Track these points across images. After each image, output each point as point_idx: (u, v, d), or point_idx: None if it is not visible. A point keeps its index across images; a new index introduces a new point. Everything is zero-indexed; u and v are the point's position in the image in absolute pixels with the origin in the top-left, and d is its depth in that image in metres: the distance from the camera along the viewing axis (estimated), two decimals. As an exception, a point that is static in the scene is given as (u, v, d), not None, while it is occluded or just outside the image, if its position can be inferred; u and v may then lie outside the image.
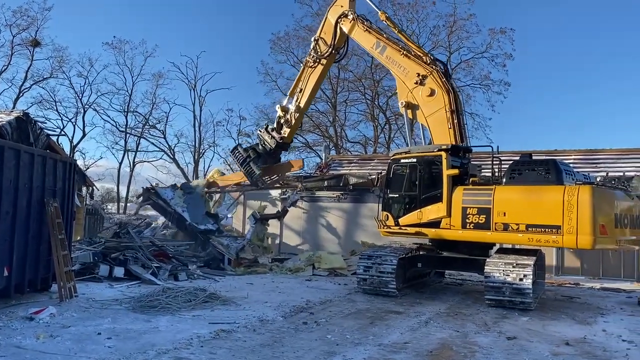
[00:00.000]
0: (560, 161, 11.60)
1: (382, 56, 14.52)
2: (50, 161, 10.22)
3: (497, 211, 10.92)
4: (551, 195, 10.42)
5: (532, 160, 11.69)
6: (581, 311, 10.80)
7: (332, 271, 16.05)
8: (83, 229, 20.39)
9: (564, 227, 10.13)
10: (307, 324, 8.71)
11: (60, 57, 46.64)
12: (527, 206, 10.68)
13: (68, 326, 7.79)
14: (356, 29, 15.11)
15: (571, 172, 11.25)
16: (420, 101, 13.45)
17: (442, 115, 12.99)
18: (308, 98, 17.09)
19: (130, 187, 54.08)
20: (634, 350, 7.58)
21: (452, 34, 40.60)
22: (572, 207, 10.05)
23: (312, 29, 43.48)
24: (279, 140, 17.67)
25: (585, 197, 10.00)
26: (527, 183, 11.00)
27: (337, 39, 15.90)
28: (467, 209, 11.35)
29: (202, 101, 52.11)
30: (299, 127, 18.46)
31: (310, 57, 16.82)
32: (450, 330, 8.58)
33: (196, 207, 18.63)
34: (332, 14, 15.98)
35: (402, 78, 13.95)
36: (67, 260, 10.20)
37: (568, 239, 10.14)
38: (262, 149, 18.19)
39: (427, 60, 13.56)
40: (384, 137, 44.91)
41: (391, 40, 14.41)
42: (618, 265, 17.04)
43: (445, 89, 13.04)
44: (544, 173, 10.91)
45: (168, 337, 7.35)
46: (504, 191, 11.10)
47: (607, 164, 21.09)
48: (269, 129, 18.02)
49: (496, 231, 10.91)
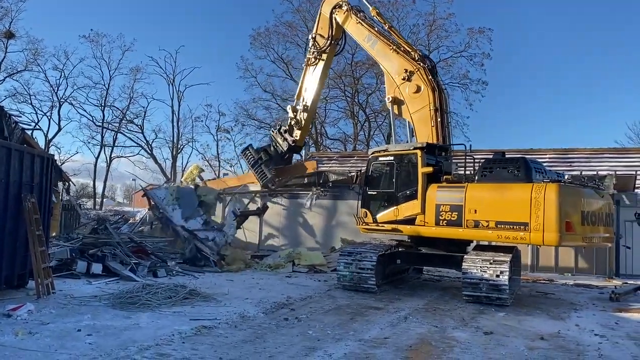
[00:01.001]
0: (531, 159, 11.79)
1: (373, 50, 14.67)
2: (27, 156, 10.07)
3: (468, 208, 11.12)
4: (519, 193, 10.62)
5: (503, 158, 11.90)
6: (555, 307, 11.07)
7: (312, 268, 16.13)
8: (59, 225, 20.09)
9: (531, 225, 10.34)
10: (288, 320, 8.77)
11: (35, 50, 45.81)
12: (496, 203, 10.89)
13: (47, 323, 7.71)
14: (349, 20, 15.22)
15: (542, 171, 11.42)
16: (406, 97, 13.62)
17: (426, 113, 13.17)
18: (314, 96, 17.02)
19: (107, 182, 53.45)
20: (606, 344, 7.82)
21: (432, 32, 41.00)
22: (539, 205, 10.26)
23: (293, 25, 43.57)
24: (291, 143, 17.60)
25: (551, 195, 10.20)
26: (498, 181, 11.20)
27: (335, 30, 15.89)
28: (440, 206, 11.54)
29: (181, 96, 51.77)
30: (309, 128, 18.32)
31: (310, 54, 16.81)
32: (428, 326, 8.72)
33: (188, 202, 18.42)
34: (326, 6, 16.09)
35: (390, 73, 14.11)
36: (45, 257, 10.07)
37: (535, 236, 10.35)
38: (273, 151, 18.10)
39: (415, 57, 13.72)
40: (364, 134, 45.21)
41: (382, 35, 14.56)
42: (591, 262, 17.48)
43: (431, 86, 13.22)
44: (514, 171, 11.11)
45: (149, 334, 7.33)
46: (475, 189, 11.29)
47: (580, 163, 21.63)
48: (282, 130, 17.82)
49: (467, 228, 11.11)
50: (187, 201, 18.16)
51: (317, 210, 21.36)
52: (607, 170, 18.89)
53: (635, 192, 18.07)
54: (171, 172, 50.62)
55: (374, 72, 40.37)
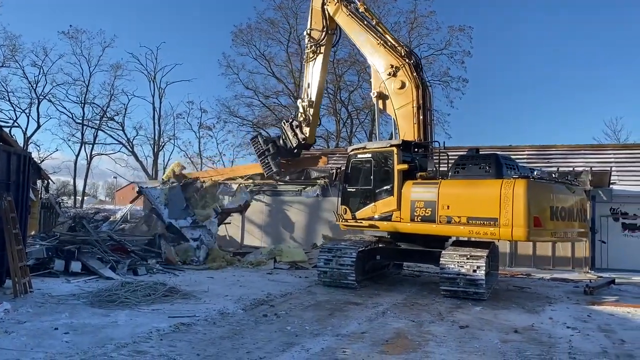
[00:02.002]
0: (504, 156, 11.97)
1: (361, 43, 14.76)
2: (3, 154, 9.98)
3: (441, 205, 11.28)
4: (489, 189, 10.79)
5: (476, 155, 12.06)
6: (531, 300, 11.29)
7: (294, 264, 16.21)
8: (38, 224, 19.84)
9: (501, 220, 10.49)
10: (267, 316, 8.83)
11: (12, 46, 45.11)
12: (468, 200, 11.05)
13: (23, 322, 7.67)
14: (340, 12, 15.31)
15: (514, 167, 11.57)
16: (391, 93, 13.76)
17: (409, 110, 13.30)
18: (318, 90, 16.89)
19: (87, 180, 52.86)
20: (577, 336, 8.02)
21: (413, 30, 41.30)
22: (508, 201, 10.42)
23: (275, 22, 43.51)
24: (301, 140, 17.39)
25: (519, 191, 10.36)
26: (470, 177, 11.37)
27: (329, 21, 15.94)
28: (415, 203, 11.70)
29: (162, 93, 51.39)
30: (317, 124, 18.05)
31: (308, 49, 16.74)
32: (406, 320, 8.85)
33: (176, 202, 18.44)
34: (317, 1, 16.13)
35: (377, 67, 14.21)
36: (22, 255, 9.98)
37: (504, 232, 10.51)
38: (282, 144, 17.79)
39: (402, 53, 13.83)
40: (346, 131, 45.34)
41: (370, 29, 14.64)
42: (568, 257, 17.82)
43: (415, 83, 13.34)
44: (485, 167, 11.28)
45: (127, 331, 7.34)
46: (448, 185, 11.46)
47: (558, 159, 21.98)
48: (294, 124, 17.49)
49: (441, 224, 11.27)
50: (175, 202, 18.26)
51: (299, 207, 21.44)
52: (583, 166, 19.23)
53: (611, 188, 18.45)
54: (152, 169, 50.26)
55: (356, 70, 40.57)
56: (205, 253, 16.53)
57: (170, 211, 17.92)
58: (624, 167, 21.27)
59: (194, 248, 16.53)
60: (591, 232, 17.25)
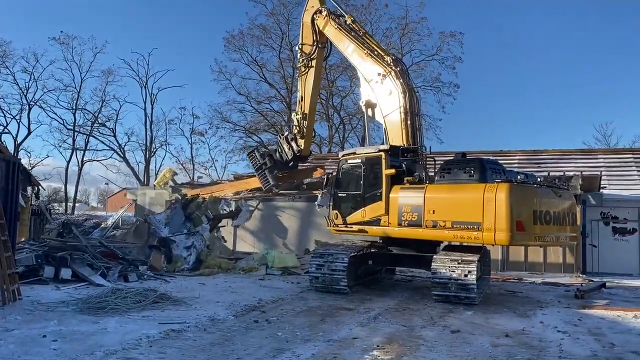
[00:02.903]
0: (489, 160, 12.03)
1: (350, 54, 15.08)
2: (-8, 160, 9.91)
3: (427, 209, 11.32)
4: (472, 193, 10.81)
5: (461, 159, 12.11)
6: (522, 305, 11.32)
7: (286, 270, 16.15)
8: (28, 230, 19.70)
9: (484, 224, 10.51)
10: (258, 322, 8.80)
11: (3, 52, 44.94)
12: (452, 204, 11.09)
13: (11, 329, 7.59)
14: (329, 26, 15.66)
15: (500, 171, 11.57)
16: (379, 100, 13.92)
17: (397, 116, 13.40)
18: (311, 103, 17.25)
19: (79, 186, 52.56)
20: (567, 340, 8.04)
21: (404, 36, 41.52)
22: (491, 205, 10.44)
23: (267, 28, 43.59)
24: (296, 152, 17.64)
25: (502, 195, 10.37)
26: (455, 182, 11.39)
27: (318, 35, 16.28)
28: (402, 207, 11.73)
29: (154, 99, 51.27)
30: (312, 135, 18.43)
31: (301, 63, 17.10)
32: (397, 325, 8.85)
33: (176, 220, 18.54)
34: (307, 16, 16.54)
35: (364, 76, 14.46)
36: (11, 262, 9.90)
37: (487, 236, 10.53)
38: (278, 157, 18.02)
39: (388, 61, 14.00)
40: (339, 136, 45.45)
41: (357, 40, 14.97)
42: (559, 261, 17.89)
43: (402, 89, 13.48)
44: (470, 171, 11.30)
45: (116, 338, 7.28)
46: (433, 190, 11.48)
47: (548, 164, 22.11)
48: (289, 137, 17.82)
49: (427, 228, 11.30)
50: (176, 220, 18.42)
51: (291, 213, 21.40)
52: (574, 171, 19.35)
53: (601, 192, 18.56)
54: (144, 175, 50.06)
55: (348, 75, 40.67)
56: (195, 257, 16.47)
57: (171, 229, 18.00)
58: (614, 171, 21.42)
59: (183, 257, 16.49)
60: (582, 236, 17.34)
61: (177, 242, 16.83)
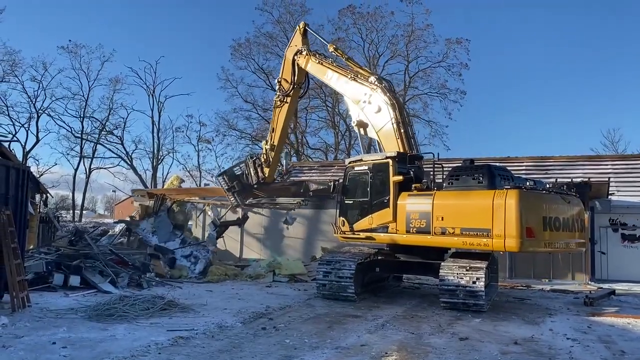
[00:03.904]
0: (497, 166, 12.00)
1: (334, 83, 15.52)
2: (2, 168, 9.99)
3: (435, 216, 11.29)
4: (481, 200, 10.78)
5: (470, 166, 12.06)
6: (531, 312, 11.26)
7: (293, 277, 16.15)
8: (36, 238, 19.81)
9: (493, 231, 10.47)
10: (266, 329, 8.80)
11: (12, 61, 45.41)
12: (461, 210, 11.05)
13: (21, 336, 7.63)
14: (310, 63, 16.12)
15: (509, 177, 11.51)
16: (370, 118, 14.15)
17: (389, 128, 13.61)
18: (280, 136, 17.90)
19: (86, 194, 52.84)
20: (577, 348, 7.99)
21: (410, 43, 41.60)
22: (500, 211, 10.40)
23: (273, 36, 43.85)
24: (260, 179, 18.31)
25: (511, 201, 10.34)
26: (464, 188, 11.37)
27: (297, 75, 16.81)
28: (410, 214, 11.72)
29: (161, 107, 51.66)
30: (277, 165, 19.17)
31: (277, 97, 17.61)
32: (405, 333, 8.82)
33: (163, 226, 18.80)
34: (290, 52, 17.00)
35: (352, 100, 14.80)
36: (20, 270, 9.96)
37: (497, 242, 10.48)
38: (244, 179, 18.63)
39: (372, 80, 14.31)
40: (345, 143, 45.46)
41: (340, 68, 15.40)
42: (568, 268, 17.78)
43: (391, 103, 13.70)
44: (479, 178, 11.28)
45: (125, 345, 7.30)
46: (442, 196, 11.45)
47: (556, 171, 22.01)
48: (257, 163, 18.50)
49: (435, 235, 11.27)
50: (162, 228, 18.68)
51: (298, 220, 21.43)
52: (581, 177, 19.25)
53: (609, 199, 18.47)
54: (151, 183, 50.27)
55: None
56: (203, 266, 16.53)
57: (159, 237, 18.17)
58: (623, 177, 21.30)
59: (187, 266, 16.57)
60: (590, 243, 17.24)
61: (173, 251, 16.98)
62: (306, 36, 16.76)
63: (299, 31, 16.78)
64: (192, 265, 16.79)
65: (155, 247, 17.21)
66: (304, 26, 16.88)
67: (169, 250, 17.08)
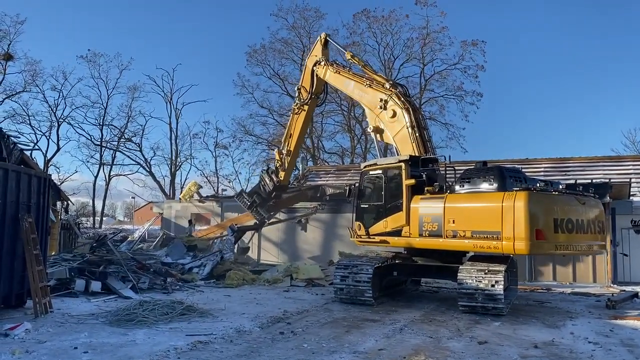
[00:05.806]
0: (509, 168, 11.85)
1: (352, 91, 15.88)
2: (24, 176, 10.19)
3: (447, 219, 11.22)
4: (491, 202, 10.66)
5: (481, 168, 11.91)
6: (551, 315, 11.12)
7: (310, 281, 16.16)
8: (58, 244, 20.15)
9: (503, 233, 10.32)
10: (284, 333, 8.82)
11: (33, 71, 46.35)
12: (471, 213, 10.96)
13: (44, 341, 7.77)
14: (328, 73, 16.66)
15: (521, 179, 11.32)
16: (385, 123, 14.37)
17: (404, 133, 13.73)
18: (297, 142, 18.58)
19: (105, 201, 53.52)
20: (599, 352, 7.87)
21: (426, 46, 41.50)
22: (509, 213, 10.26)
23: (288, 42, 44.11)
24: (276, 183, 19.07)
25: (520, 203, 10.16)
26: (475, 190, 11.26)
27: (315, 86, 17.33)
28: (423, 217, 11.68)
29: (179, 114, 52.16)
30: (293, 169, 20.19)
31: (295, 105, 18.22)
32: (424, 337, 8.77)
33: (177, 248, 19.14)
34: (310, 61, 17.58)
35: (369, 106, 15.08)
36: (42, 276, 10.13)
37: (507, 245, 10.32)
38: (263, 191, 19.42)
39: (387, 86, 14.53)
40: (361, 147, 45.46)
41: (357, 76, 15.82)
42: (589, 271, 17.53)
43: (405, 107, 13.82)
44: (489, 180, 11.15)
45: (145, 350, 7.39)
46: (453, 199, 11.37)
47: (576, 172, 21.74)
48: (269, 171, 19.46)
49: (447, 238, 11.19)
50: (176, 251, 19.02)
51: (315, 224, 21.49)
52: (602, 178, 18.98)
53: (631, 200, 18.17)
54: (170, 189, 50.76)
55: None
56: (210, 268, 16.86)
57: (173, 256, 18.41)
58: (644, 178, 20.93)
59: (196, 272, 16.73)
60: (612, 244, 16.96)
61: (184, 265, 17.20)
62: (327, 46, 17.25)
63: (320, 41, 17.27)
64: (201, 269, 17.03)
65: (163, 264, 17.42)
66: (325, 37, 17.40)
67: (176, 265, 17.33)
